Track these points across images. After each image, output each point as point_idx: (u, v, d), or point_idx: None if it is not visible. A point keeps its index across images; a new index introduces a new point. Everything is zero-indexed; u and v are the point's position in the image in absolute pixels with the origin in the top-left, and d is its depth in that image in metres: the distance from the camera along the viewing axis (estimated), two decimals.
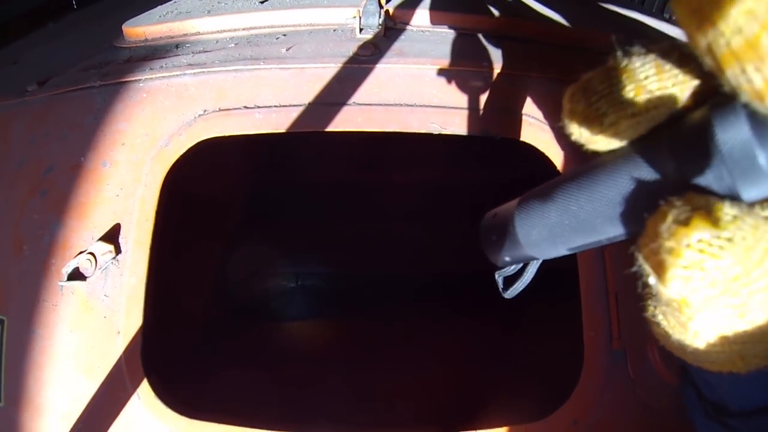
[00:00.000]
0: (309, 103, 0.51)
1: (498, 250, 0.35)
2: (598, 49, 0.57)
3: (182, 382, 0.57)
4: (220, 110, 0.51)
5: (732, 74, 0.17)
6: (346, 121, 0.51)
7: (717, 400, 0.39)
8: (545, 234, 0.30)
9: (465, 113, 0.52)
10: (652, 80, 0.24)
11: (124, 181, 0.51)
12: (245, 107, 0.51)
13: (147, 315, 0.50)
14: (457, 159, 0.91)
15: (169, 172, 0.50)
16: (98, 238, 0.50)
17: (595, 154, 0.26)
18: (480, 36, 0.59)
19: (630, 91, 0.24)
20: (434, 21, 0.60)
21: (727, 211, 0.21)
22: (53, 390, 0.50)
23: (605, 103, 0.24)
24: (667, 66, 0.23)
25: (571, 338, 0.53)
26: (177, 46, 0.56)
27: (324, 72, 0.52)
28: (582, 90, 0.25)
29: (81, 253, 0.50)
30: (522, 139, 0.51)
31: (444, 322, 0.77)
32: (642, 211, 0.23)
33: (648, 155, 0.24)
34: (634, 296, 0.52)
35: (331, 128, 0.51)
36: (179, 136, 0.51)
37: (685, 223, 0.20)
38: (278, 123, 0.50)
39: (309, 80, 0.51)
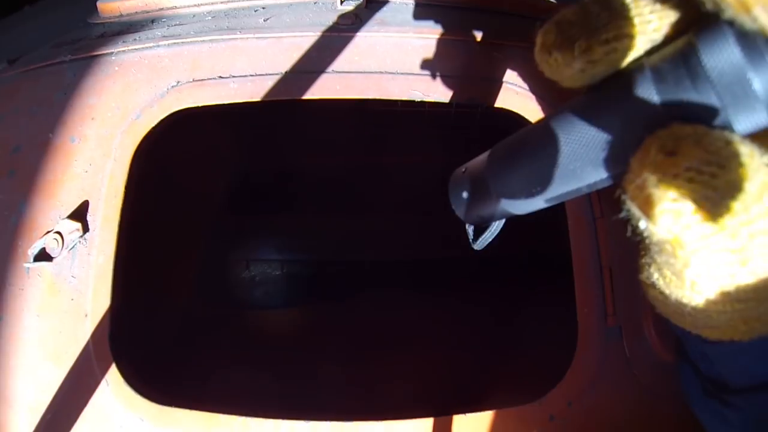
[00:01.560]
0: (286, 72, 0.49)
1: (469, 208, 0.32)
2: None
3: (156, 369, 0.54)
4: (193, 81, 0.49)
5: None
6: (323, 88, 0.49)
7: (716, 377, 0.37)
8: (521, 185, 0.27)
9: (448, 81, 0.49)
10: (628, 6, 0.22)
11: (93, 157, 0.48)
12: (220, 77, 0.49)
13: (116, 296, 0.47)
14: (447, 143, 0.88)
15: (140, 146, 0.48)
16: (66, 216, 0.48)
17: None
18: (461, 9, 0.57)
19: (604, 18, 0.22)
20: None
21: (717, 135, 0.18)
22: (20, 380, 0.47)
23: (578, 30, 0.22)
24: None
25: (567, 320, 0.51)
26: (152, 21, 0.55)
27: (302, 41, 0.50)
28: (555, 22, 0.23)
29: (48, 232, 0.48)
30: (504, 106, 0.49)
31: (437, 308, 0.75)
32: (625, 150, 0.21)
33: (628, 89, 0.21)
34: (629, 270, 0.50)
35: (307, 96, 0.48)
36: (151, 108, 0.48)
37: (672, 151, 0.18)
38: (253, 92, 0.48)
39: (287, 49, 0.49)
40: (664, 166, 0.18)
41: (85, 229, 0.48)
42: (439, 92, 0.49)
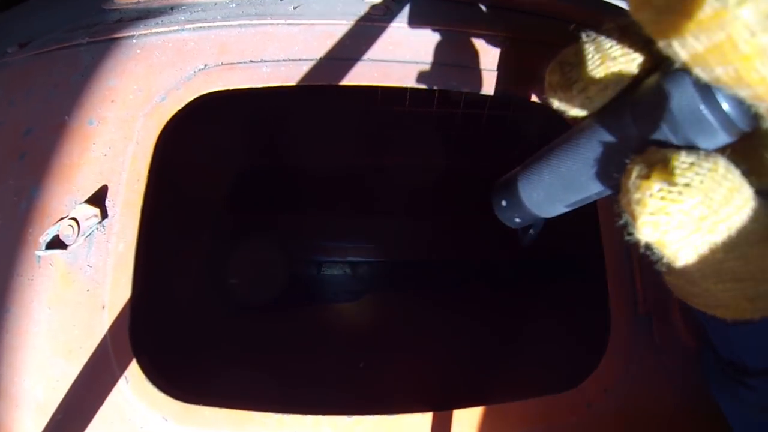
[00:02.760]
0: (320, 58, 0.48)
1: (508, 213, 0.38)
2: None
3: (179, 364, 0.51)
4: (222, 65, 0.48)
5: (662, 46, 0.21)
6: (361, 75, 0.48)
7: (735, 359, 0.38)
8: (543, 195, 0.34)
9: (483, 73, 0.50)
10: (615, 49, 0.26)
11: (113, 139, 0.46)
12: (251, 61, 0.48)
13: (136, 286, 0.44)
14: (453, 145, 0.89)
15: (165, 129, 0.46)
16: (82, 201, 0.45)
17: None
18: (486, 6, 0.58)
19: (597, 60, 0.27)
20: None
21: (682, 159, 0.23)
22: (28, 376, 0.43)
23: (576, 72, 0.27)
24: (627, 36, 0.26)
25: (584, 314, 0.51)
26: (172, 8, 0.53)
27: (335, 29, 0.50)
28: (558, 63, 0.28)
29: (62, 219, 0.45)
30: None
31: (454, 306, 0.74)
32: (617, 169, 0.25)
33: (613, 119, 0.27)
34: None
35: (345, 82, 0.48)
36: (177, 90, 0.47)
37: (646, 176, 0.23)
38: (288, 76, 0.47)
39: (319, 36, 0.49)
40: (642, 188, 0.23)
41: (104, 215, 0.45)
42: (472, 84, 0.49)
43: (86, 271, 0.44)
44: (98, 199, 0.45)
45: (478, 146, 0.90)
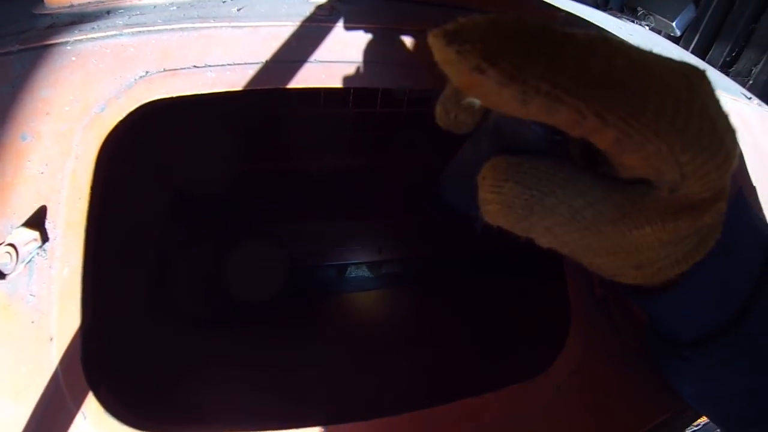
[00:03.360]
0: (267, 61, 0.47)
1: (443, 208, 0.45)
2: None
3: (141, 393, 0.48)
4: (165, 71, 0.45)
5: None
6: (308, 78, 0.47)
7: (670, 334, 0.41)
8: (455, 194, 0.42)
9: (429, 71, 0.50)
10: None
11: (50, 155, 0.43)
12: (195, 66, 0.46)
13: (87, 313, 0.42)
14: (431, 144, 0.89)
15: (106, 141, 0.44)
16: (19, 225, 0.41)
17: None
18: (434, 5, 0.58)
19: (461, 98, 0.32)
20: None
21: (507, 160, 0.27)
22: None
23: (451, 105, 0.33)
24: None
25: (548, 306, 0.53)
26: (108, 12, 0.50)
27: (280, 31, 0.48)
28: (441, 102, 0.33)
29: None
30: None
31: (425, 304, 0.74)
32: None
33: (479, 136, 0.34)
34: None
35: (292, 85, 0.47)
36: (117, 99, 0.44)
37: (482, 177, 0.28)
38: (234, 81, 0.46)
39: (265, 38, 0.48)
40: (482, 186, 0.28)
41: (44, 238, 0.42)
42: (419, 82, 0.50)
43: (29, 301, 0.41)
44: (37, 221, 0.42)
45: (424, 143, 0.91)
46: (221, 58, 0.46)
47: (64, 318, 0.41)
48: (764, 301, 0.34)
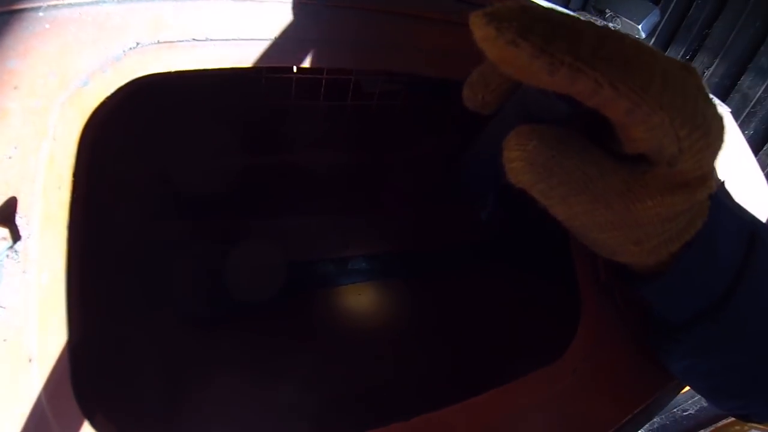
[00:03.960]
0: (276, 38, 0.43)
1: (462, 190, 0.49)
2: None
3: (144, 417, 0.40)
4: (159, 43, 0.40)
5: None
6: (318, 59, 0.44)
7: (662, 317, 0.44)
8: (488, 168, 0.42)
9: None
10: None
11: (20, 136, 0.35)
12: (194, 39, 0.41)
13: (74, 327, 0.35)
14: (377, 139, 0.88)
15: (91, 120, 0.37)
16: None
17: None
18: None
19: (489, 81, 0.34)
20: None
21: (532, 126, 0.30)
22: None
23: (479, 89, 0.34)
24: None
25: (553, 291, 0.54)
26: None
27: (285, 7, 0.45)
28: (468, 84, 0.35)
29: None
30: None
31: (429, 298, 0.72)
32: None
33: (502, 115, 0.37)
34: None
35: (306, 64, 0.44)
36: (103, 73, 0.38)
37: (509, 139, 0.30)
38: (243, 57, 0.41)
39: (271, 14, 0.44)
40: (506, 148, 0.30)
41: (15, 236, 0.34)
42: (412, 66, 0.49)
43: None
44: (5, 216, 0.34)
45: (397, 136, 0.90)
46: (225, 33, 0.42)
47: (45, 334, 0.34)
48: (745, 286, 0.38)
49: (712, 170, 0.32)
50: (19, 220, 0.35)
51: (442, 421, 0.42)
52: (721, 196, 0.39)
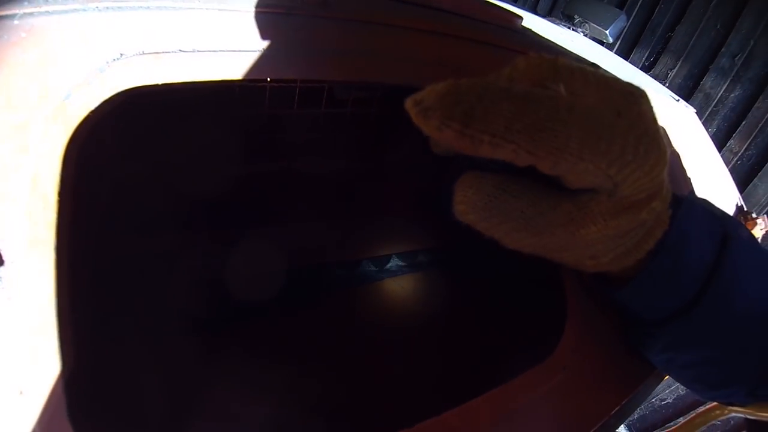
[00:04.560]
0: (265, 49, 0.43)
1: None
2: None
3: None
4: (144, 54, 0.38)
5: None
6: (314, 69, 0.44)
7: (635, 316, 0.48)
8: None
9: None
10: None
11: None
12: (181, 51, 0.40)
13: (67, 352, 0.32)
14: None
15: (76, 136, 0.35)
16: None
17: None
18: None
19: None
20: None
21: (473, 173, 0.33)
22: None
23: (433, 143, 0.37)
24: None
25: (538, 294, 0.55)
26: None
27: (276, 19, 0.44)
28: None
29: None
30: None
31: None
32: None
33: (458, 158, 0.36)
34: None
35: (303, 76, 0.43)
36: (87, 85, 0.36)
37: (457, 184, 0.34)
38: (235, 68, 0.41)
39: (261, 25, 0.43)
40: (456, 190, 0.34)
41: None
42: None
43: None
44: None
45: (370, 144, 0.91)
46: (212, 44, 0.41)
47: (35, 364, 0.31)
48: (718, 286, 0.40)
49: (660, 189, 0.34)
50: (1, 243, 0.32)
51: (446, 425, 0.43)
52: (690, 204, 0.42)
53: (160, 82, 0.39)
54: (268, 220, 0.80)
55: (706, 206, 0.43)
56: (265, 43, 0.43)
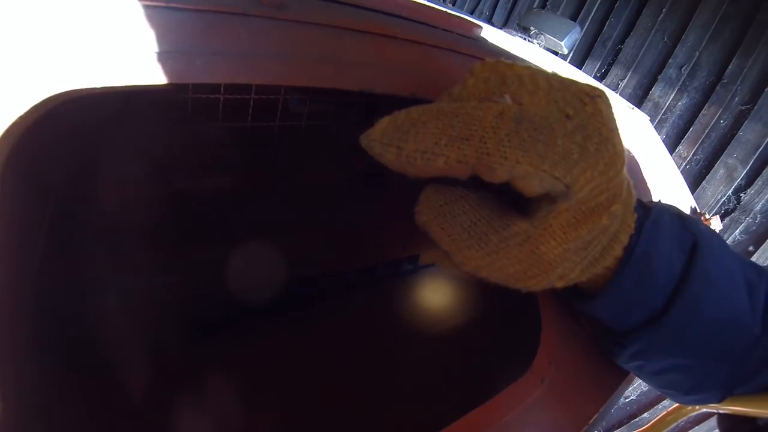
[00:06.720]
0: (216, 52, 0.39)
1: None
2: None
3: None
4: (85, 54, 0.34)
5: None
6: (267, 73, 0.41)
7: (605, 326, 0.48)
8: None
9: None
10: None
11: None
12: (125, 51, 0.36)
13: (12, 400, 0.28)
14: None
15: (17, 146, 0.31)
16: None
17: None
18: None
19: None
20: None
21: (430, 187, 0.35)
22: None
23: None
24: None
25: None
26: None
27: (228, 19, 0.41)
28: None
29: None
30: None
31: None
32: None
33: None
34: None
35: (253, 80, 0.40)
36: (14, 90, 0.32)
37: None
38: (178, 72, 0.37)
39: (210, 25, 0.40)
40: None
41: None
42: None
43: None
44: None
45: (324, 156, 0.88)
46: (158, 45, 0.37)
47: None
48: (686, 295, 0.40)
49: (619, 191, 0.34)
50: None
51: None
52: (661, 207, 0.41)
53: (97, 86, 0.35)
54: (255, 232, 0.76)
55: (675, 213, 0.43)
56: (217, 45, 0.40)
